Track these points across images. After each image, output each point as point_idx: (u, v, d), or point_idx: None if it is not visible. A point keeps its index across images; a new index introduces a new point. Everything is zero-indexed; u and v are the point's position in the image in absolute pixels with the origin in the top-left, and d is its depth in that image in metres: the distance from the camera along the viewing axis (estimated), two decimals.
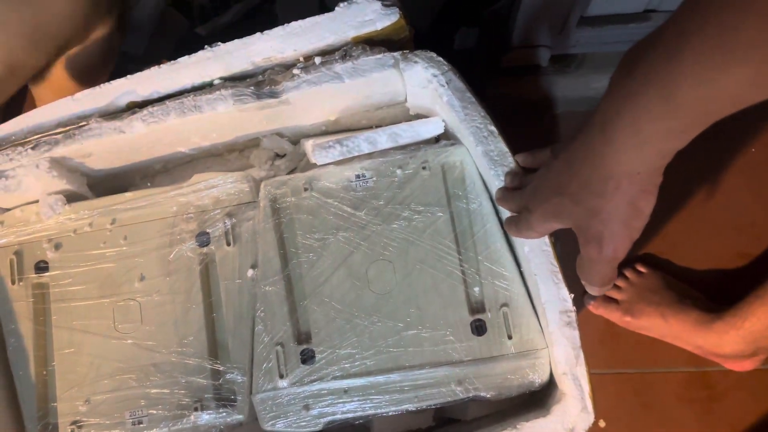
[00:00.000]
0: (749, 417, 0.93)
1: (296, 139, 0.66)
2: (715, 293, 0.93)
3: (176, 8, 1.10)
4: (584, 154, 0.38)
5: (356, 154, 0.58)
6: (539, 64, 0.96)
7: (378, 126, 0.65)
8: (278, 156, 0.67)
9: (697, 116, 0.32)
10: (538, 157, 0.49)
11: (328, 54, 0.58)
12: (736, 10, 0.28)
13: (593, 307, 0.93)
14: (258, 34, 0.58)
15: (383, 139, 0.58)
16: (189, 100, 0.58)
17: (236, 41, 0.58)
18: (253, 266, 0.58)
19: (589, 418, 0.51)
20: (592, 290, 0.44)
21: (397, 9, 0.56)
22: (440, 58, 0.55)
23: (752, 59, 0.28)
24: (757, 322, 0.83)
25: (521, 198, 0.47)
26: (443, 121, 0.59)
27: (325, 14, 0.57)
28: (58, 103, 0.60)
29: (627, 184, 0.37)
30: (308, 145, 0.60)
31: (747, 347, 0.85)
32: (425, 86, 0.56)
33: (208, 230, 0.59)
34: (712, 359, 0.90)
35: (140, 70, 0.60)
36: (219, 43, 0.59)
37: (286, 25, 0.58)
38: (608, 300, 0.93)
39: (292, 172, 0.65)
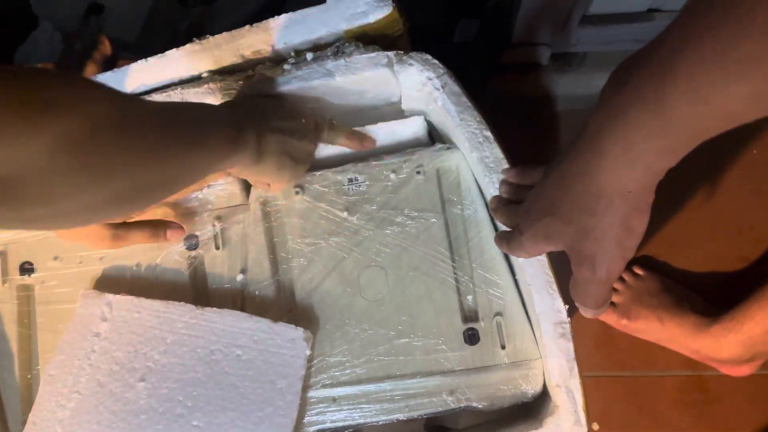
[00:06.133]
0: (745, 422, 0.92)
1: None
2: (713, 296, 0.92)
3: None
4: (575, 172, 0.37)
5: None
6: (539, 62, 0.94)
7: None
8: None
9: (690, 134, 0.30)
10: (531, 175, 0.48)
11: (320, 49, 0.56)
12: (734, 24, 0.26)
13: None
14: (247, 26, 0.56)
15: None
16: (176, 94, 0.56)
17: (225, 34, 0.57)
18: (243, 271, 0.57)
19: (582, 431, 0.50)
20: (587, 313, 0.43)
21: (390, 1, 0.55)
22: (435, 61, 0.54)
23: (750, 76, 0.26)
24: (756, 327, 0.82)
25: (515, 215, 0.46)
26: (426, 121, 0.57)
27: (317, 6, 0.55)
28: None
29: (619, 203, 0.35)
30: None
31: (745, 352, 0.84)
32: (420, 89, 0.55)
33: (196, 233, 0.58)
34: (709, 363, 0.89)
35: (133, 57, 0.58)
36: (208, 35, 0.57)
37: (276, 17, 0.56)
38: None
39: None
